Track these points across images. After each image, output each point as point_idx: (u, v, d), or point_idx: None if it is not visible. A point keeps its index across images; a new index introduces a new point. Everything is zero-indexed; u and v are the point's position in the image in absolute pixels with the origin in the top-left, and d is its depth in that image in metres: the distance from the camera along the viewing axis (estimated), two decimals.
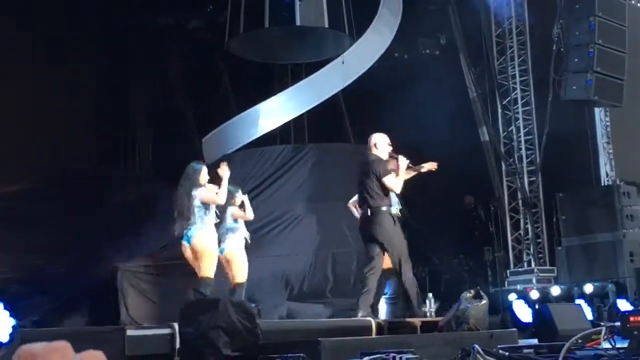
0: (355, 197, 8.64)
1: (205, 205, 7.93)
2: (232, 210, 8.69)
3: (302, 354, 4.47)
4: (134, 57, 15.06)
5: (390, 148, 8.40)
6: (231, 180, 13.16)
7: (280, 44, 14.21)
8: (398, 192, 8.17)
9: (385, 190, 8.02)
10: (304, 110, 13.90)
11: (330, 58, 13.73)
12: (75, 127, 13.54)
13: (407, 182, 8.58)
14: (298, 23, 12.93)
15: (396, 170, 8.14)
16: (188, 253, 7.75)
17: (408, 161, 8.31)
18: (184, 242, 7.78)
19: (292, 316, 11.50)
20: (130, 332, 5.36)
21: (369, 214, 8.03)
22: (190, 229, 7.74)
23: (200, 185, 8.07)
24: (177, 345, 5.13)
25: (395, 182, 8.03)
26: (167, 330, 5.29)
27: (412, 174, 8.58)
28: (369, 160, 8.25)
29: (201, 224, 7.77)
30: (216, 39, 14.02)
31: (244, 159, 13.54)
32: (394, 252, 7.96)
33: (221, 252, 8.34)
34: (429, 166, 8.71)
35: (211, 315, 4.80)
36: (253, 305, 5.21)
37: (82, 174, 12.87)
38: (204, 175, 8.26)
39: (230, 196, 8.45)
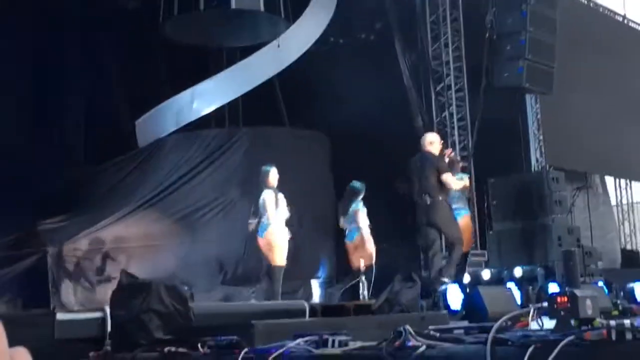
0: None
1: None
2: None
3: (235, 337, 4.46)
4: (68, 38, 14.74)
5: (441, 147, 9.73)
6: (169, 165, 13.17)
7: (215, 27, 14.08)
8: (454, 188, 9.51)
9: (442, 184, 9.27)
10: (238, 94, 13.81)
11: (266, 42, 13.67)
12: (7, 102, 13.19)
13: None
14: (233, 6, 12.83)
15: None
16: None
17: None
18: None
19: (227, 300, 11.48)
20: (60, 316, 5.29)
21: (428, 203, 9.22)
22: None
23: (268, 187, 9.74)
24: (109, 329, 5.08)
25: (452, 179, 9.33)
26: (98, 314, 5.24)
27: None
28: (427, 157, 9.47)
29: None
30: (150, 21, 13.81)
31: (177, 143, 13.41)
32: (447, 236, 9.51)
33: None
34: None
35: (143, 299, 4.76)
36: (186, 288, 5.18)
37: (13, 153, 12.59)
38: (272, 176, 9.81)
39: None
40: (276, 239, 9.74)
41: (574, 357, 3.08)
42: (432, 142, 9.65)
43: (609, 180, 20.37)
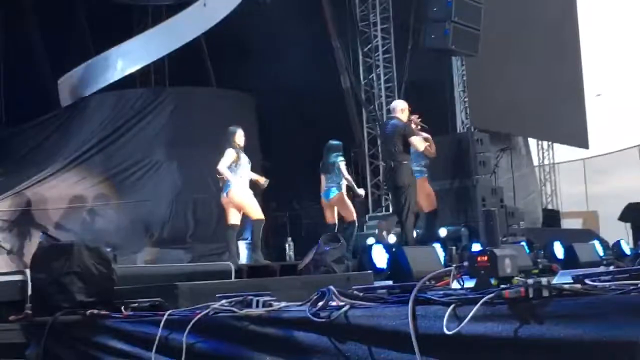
0: None
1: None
2: None
3: (158, 299, 4.43)
4: None
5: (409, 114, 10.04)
6: (93, 125, 12.91)
7: None
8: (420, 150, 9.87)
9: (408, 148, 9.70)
10: (164, 54, 13.61)
11: (192, 1, 13.45)
12: None
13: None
14: None
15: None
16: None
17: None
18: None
19: (152, 262, 11.39)
20: None
21: (392, 166, 9.67)
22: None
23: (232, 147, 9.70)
24: (29, 292, 4.98)
25: (418, 140, 9.81)
26: (18, 277, 5.13)
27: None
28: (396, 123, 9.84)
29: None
30: None
31: (101, 102, 13.19)
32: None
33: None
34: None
35: (65, 261, 4.67)
36: (109, 250, 5.10)
37: None
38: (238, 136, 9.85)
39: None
40: (241, 197, 9.62)
41: (494, 314, 3.14)
42: (403, 109, 9.97)
43: (532, 142, 20.78)
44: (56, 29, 14.05)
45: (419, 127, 10.55)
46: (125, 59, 13.49)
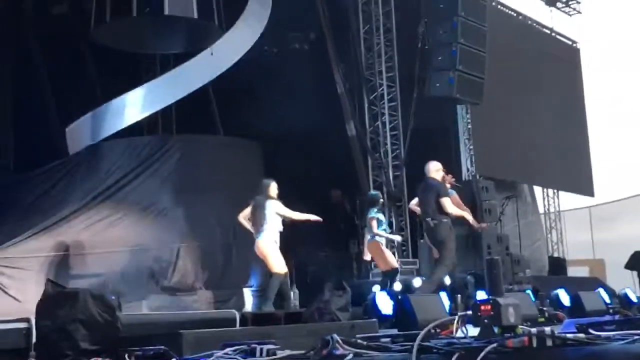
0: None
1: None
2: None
3: (163, 347, 4.42)
4: None
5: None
6: (100, 172, 12.99)
7: (148, 34, 13.95)
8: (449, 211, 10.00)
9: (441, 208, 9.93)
10: (171, 102, 13.73)
11: (199, 49, 13.60)
12: None
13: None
14: (166, 12, 12.73)
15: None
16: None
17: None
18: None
19: (159, 309, 11.36)
20: None
21: (432, 225, 9.97)
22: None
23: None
24: (34, 340, 4.98)
25: (447, 202, 9.97)
26: (23, 325, 5.11)
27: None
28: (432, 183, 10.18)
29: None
30: (81, 25, 13.61)
31: (109, 150, 13.26)
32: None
33: None
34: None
35: (70, 308, 4.67)
36: (113, 297, 5.11)
37: None
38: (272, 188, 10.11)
39: None
40: (265, 249, 9.85)
41: None
42: (438, 169, 10.27)
43: (537, 189, 20.80)
44: (65, 77, 14.21)
45: (451, 185, 11.00)
46: (133, 107, 13.62)
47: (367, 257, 12.32)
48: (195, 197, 12.78)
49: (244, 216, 10.11)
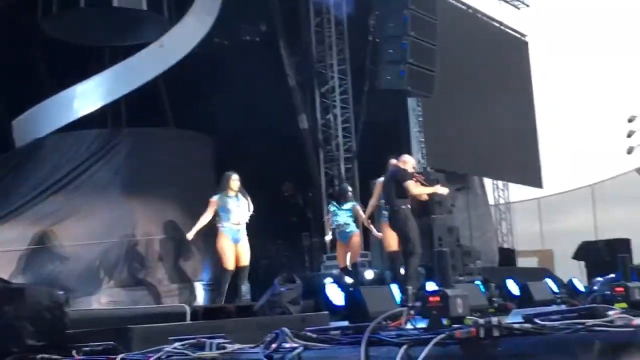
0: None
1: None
2: None
3: (111, 342, 4.38)
4: None
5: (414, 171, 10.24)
6: (48, 166, 12.80)
7: (96, 25, 13.78)
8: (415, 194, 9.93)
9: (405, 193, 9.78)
10: (121, 94, 13.56)
11: (149, 41, 13.47)
12: None
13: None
14: (115, 4, 12.60)
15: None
16: None
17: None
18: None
19: (109, 305, 11.26)
20: None
21: (390, 212, 9.91)
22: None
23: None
24: None
25: (411, 184, 9.80)
26: None
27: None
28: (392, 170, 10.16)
29: None
30: (29, 17, 13.39)
31: (57, 143, 13.08)
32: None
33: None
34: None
35: (16, 304, 4.60)
36: (61, 293, 5.04)
37: None
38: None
39: None
40: (218, 245, 9.85)
41: (445, 354, 3.16)
42: (406, 162, 10.12)
43: (487, 181, 21.02)
44: (12, 69, 13.95)
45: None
46: (82, 100, 13.43)
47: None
48: (145, 190, 12.68)
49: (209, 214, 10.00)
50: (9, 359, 4.41)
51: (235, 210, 9.86)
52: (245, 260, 9.87)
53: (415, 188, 9.82)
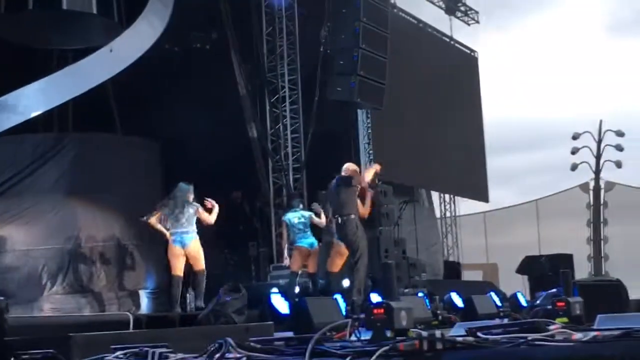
0: None
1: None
2: None
3: (52, 350, 4.30)
4: None
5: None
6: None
7: (45, 28, 13.57)
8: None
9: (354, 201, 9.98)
10: (68, 98, 13.35)
11: (98, 46, 13.31)
12: None
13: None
14: (64, 7, 12.42)
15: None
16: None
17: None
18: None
19: (51, 312, 11.09)
20: None
21: (339, 222, 9.99)
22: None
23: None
24: None
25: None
26: None
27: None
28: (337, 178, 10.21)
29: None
30: None
31: (2, 146, 12.83)
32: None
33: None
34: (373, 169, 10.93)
35: None
36: (1, 298, 4.94)
37: None
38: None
39: None
40: (200, 249, 10.24)
41: None
42: (353, 170, 10.29)
43: (434, 194, 21.21)
44: None
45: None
46: (27, 103, 13.18)
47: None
48: (90, 196, 12.52)
49: (156, 219, 10.30)
50: None
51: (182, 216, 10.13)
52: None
53: (368, 174, 10.21)
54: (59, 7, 12.28)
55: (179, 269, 10.07)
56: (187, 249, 10.11)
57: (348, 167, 10.37)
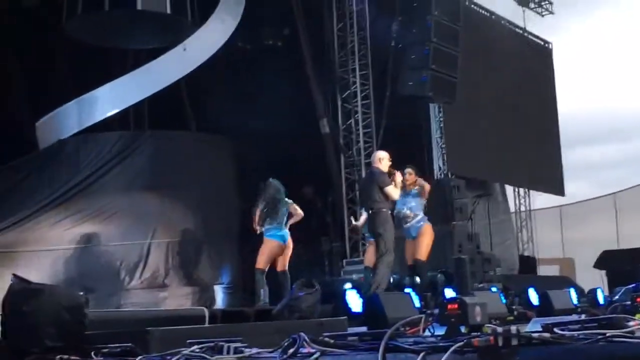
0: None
1: None
2: None
3: (130, 344, 4.39)
4: None
5: (390, 163, 10.01)
6: (71, 167, 12.88)
7: (120, 28, 13.82)
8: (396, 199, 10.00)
9: (385, 196, 9.78)
10: (143, 97, 13.60)
11: (172, 45, 13.51)
12: None
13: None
14: (139, 7, 12.61)
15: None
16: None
17: (402, 177, 10.09)
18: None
19: (128, 306, 11.31)
20: None
21: (370, 213, 9.95)
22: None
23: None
24: None
25: (391, 189, 9.76)
26: None
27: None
28: (373, 172, 10.09)
29: None
30: (53, 19, 13.47)
31: (79, 145, 13.14)
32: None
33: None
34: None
35: (35, 304, 4.61)
36: (81, 293, 5.06)
37: None
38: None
39: None
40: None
41: None
42: (381, 158, 10.04)
43: (508, 188, 20.92)
44: (36, 71, 14.06)
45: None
46: (105, 102, 13.49)
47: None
48: (166, 193, 12.73)
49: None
50: (29, 359, 4.43)
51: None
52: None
53: (396, 192, 9.84)
54: (134, 8, 12.48)
55: (268, 264, 10.18)
56: (286, 244, 10.27)
57: (375, 156, 10.33)
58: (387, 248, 9.61)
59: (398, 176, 9.94)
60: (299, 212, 10.48)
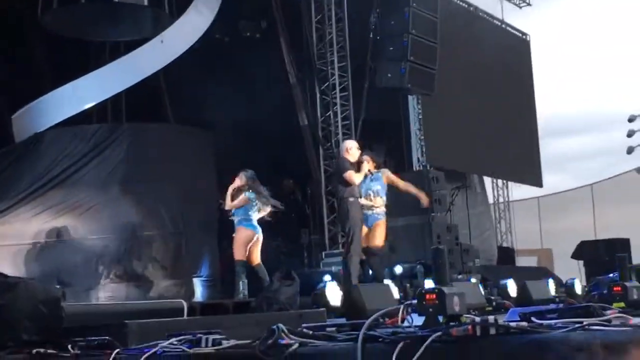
0: None
1: None
2: None
3: (107, 337, 4.37)
4: None
5: (359, 152, 9.93)
6: (47, 160, 12.80)
7: (96, 21, 13.74)
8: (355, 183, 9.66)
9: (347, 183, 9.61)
10: (121, 89, 13.53)
11: (150, 37, 13.44)
12: None
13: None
14: None
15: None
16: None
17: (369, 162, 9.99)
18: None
19: (107, 300, 11.26)
20: None
21: (336, 205, 10.14)
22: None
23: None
24: None
25: (353, 175, 9.60)
26: None
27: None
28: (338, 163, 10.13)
29: None
30: (29, 12, 13.36)
31: (56, 138, 13.03)
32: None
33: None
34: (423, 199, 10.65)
35: (11, 298, 4.58)
36: (58, 287, 5.03)
37: None
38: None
39: None
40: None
41: (442, 352, 3.16)
42: (348, 149, 9.93)
43: (487, 180, 21.02)
44: (11, 63, 13.93)
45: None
46: (82, 94, 13.40)
47: None
48: (144, 186, 12.66)
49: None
50: (4, 353, 4.40)
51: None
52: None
53: (358, 177, 9.63)
54: (111, 0, 12.42)
55: (246, 252, 10.20)
56: (259, 235, 10.34)
57: (342, 147, 10.30)
58: (352, 237, 9.49)
59: (365, 164, 9.85)
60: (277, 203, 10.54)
